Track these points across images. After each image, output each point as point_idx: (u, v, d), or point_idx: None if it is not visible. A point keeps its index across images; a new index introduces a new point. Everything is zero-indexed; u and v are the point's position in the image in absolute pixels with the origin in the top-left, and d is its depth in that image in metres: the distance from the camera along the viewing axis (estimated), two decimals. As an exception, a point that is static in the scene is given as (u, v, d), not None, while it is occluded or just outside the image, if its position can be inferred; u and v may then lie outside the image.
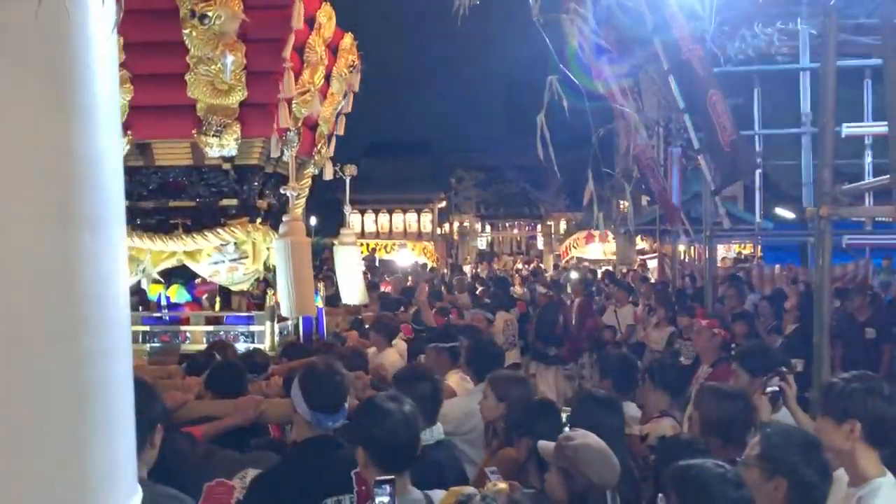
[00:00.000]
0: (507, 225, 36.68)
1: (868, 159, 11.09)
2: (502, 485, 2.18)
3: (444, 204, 33.40)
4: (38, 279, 1.04)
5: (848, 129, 9.31)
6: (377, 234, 30.04)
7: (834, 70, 4.50)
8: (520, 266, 25.48)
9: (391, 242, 29.65)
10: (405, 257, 25.40)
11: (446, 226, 35.24)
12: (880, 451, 2.64)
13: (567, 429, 3.09)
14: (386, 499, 2.12)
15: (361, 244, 22.90)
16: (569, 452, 2.60)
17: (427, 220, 31.13)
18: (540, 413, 3.23)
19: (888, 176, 3.99)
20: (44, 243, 1.05)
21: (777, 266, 13.25)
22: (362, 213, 28.54)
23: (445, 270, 21.33)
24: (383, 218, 30.66)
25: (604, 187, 16.69)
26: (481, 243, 37.09)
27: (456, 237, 35.75)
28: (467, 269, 25.86)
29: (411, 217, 30.93)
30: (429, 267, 22.27)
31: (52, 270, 1.06)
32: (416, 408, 2.61)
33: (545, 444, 2.73)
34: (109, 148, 1.20)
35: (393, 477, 2.18)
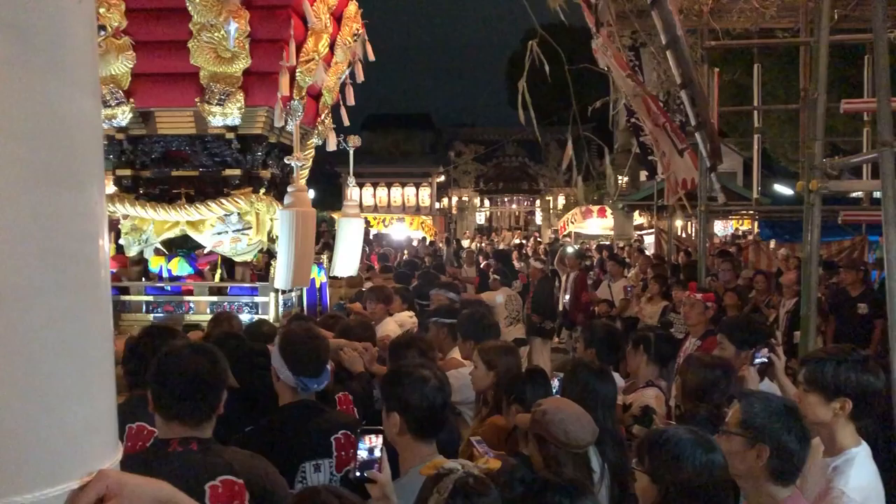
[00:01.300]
0: (505, 200, 36.61)
1: (866, 135, 11.00)
2: (494, 462, 2.15)
3: (442, 178, 33.33)
4: (14, 237, 1.05)
5: (846, 105, 9.22)
6: (375, 208, 30.00)
7: (826, 43, 4.45)
8: (517, 241, 25.44)
9: (389, 216, 29.63)
10: (400, 231, 25.40)
11: (445, 200, 35.18)
12: (859, 423, 2.70)
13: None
14: (368, 451, 2.07)
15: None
16: (538, 417, 2.64)
17: (426, 194, 31.10)
18: (530, 381, 3.24)
19: (875, 151, 3.95)
20: (19, 202, 1.05)
21: (772, 241, 13.22)
22: (360, 186, 28.52)
23: (441, 245, 21.35)
24: (381, 191, 30.62)
25: (604, 161, 16.64)
26: (480, 218, 37.05)
27: (454, 211, 35.71)
28: (466, 243, 25.89)
29: (410, 191, 30.90)
30: (427, 241, 22.29)
31: (29, 229, 1.07)
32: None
33: (523, 417, 2.77)
34: (87, 108, 1.20)
35: (380, 428, 2.17)
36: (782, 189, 21.42)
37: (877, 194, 9.62)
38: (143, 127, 4.98)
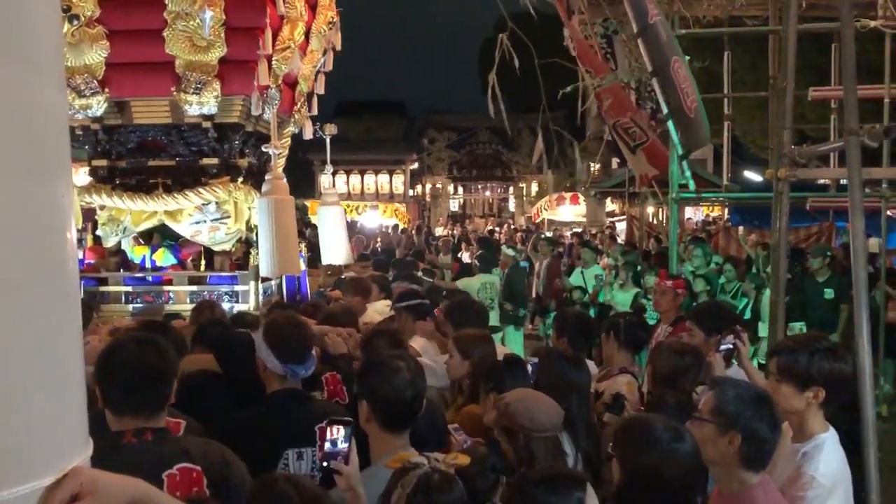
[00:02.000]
0: (479, 187, 36.64)
1: (833, 123, 11.16)
2: (463, 457, 2.17)
3: (416, 165, 33.24)
4: None
5: (814, 93, 9.36)
6: (349, 196, 29.87)
7: (795, 32, 4.49)
8: (490, 228, 25.50)
9: (363, 204, 29.53)
10: (373, 219, 25.34)
11: (418, 187, 35.11)
12: (827, 408, 2.74)
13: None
14: (335, 441, 2.05)
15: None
16: (502, 410, 2.64)
17: (399, 181, 31.03)
18: (506, 369, 3.24)
19: (842, 140, 4.01)
20: None
21: (740, 228, 13.37)
22: (333, 174, 28.36)
23: (412, 232, 21.33)
24: (355, 179, 30.49)
25: (574, 149, 16.70)
26: (453, 205, 37.05)
27: (428, 199, 35.66)
28: (440, 230, 25.88)
29: (383, 178, 30.82)
30: (400, 228, 22.26)
31: None
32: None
33: (490, 416, 2.78)
34: (53, 98, 1.18)
35: (349, 419, 2.15)
36: (752, 176, 21.65)
37: (844, 181, 9.78)
38: (118, 117, 4.94)
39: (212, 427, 2.66)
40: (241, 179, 5.09)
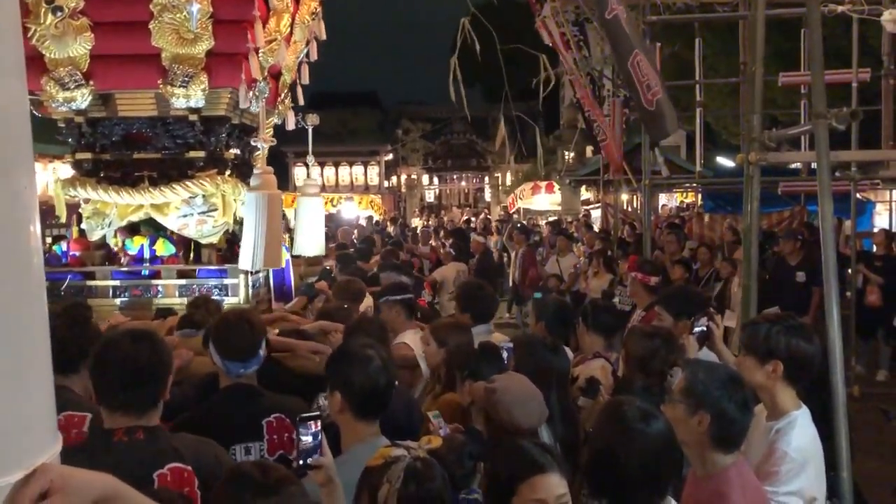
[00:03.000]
0: (454, 177, 36.66)
1: (804, 108, 11.29)
2: (435, 440, 2.17)
3: (390, 156, 33.16)
4: None
5: (784, 78, 9.44)
6: (323, 187, 29.69)
7: (763, 16, 4.53)
8: (465, 218, 25.53)
9: (337, 196, 29.37)
10: (350, 210, 25.24)
11: (394, 178, 35.05)
12: (796, 386, 2.80)
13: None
14: (309, 438, 2.02)
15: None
16: (487, 394, 2.65)
17: (374, 172, 30.93)
18: (482, 356, 3.24)
19: (810, 123, 4.06)
20: None
21: (707, 214, 13.47)
22: (307, 165, 28.21)
23: (388, 224, 21.30)
24: (329, 171, 30.33)
25: (549, 137, 16.77)
26: (429, 196, 37.04)
27: (403, 190, 35.62)
28: (416, 222, 25.86)
29: (358, 170, 30.70)
30: (374, 220, 22.20)
31: None
32: (392, 358, 2.66)
33: (477, 385, 2.77)
34: (12, 91, 1.17)
35: (318, 414, 2.13)
36: (725, 161, 21.85)
37: (815, 165, 9.90)
38: (102, 109, 4.89)
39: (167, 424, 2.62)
40: (227, 172, 5.06)
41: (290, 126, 5.80)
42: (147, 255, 5.04)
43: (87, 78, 4.59)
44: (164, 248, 5.06)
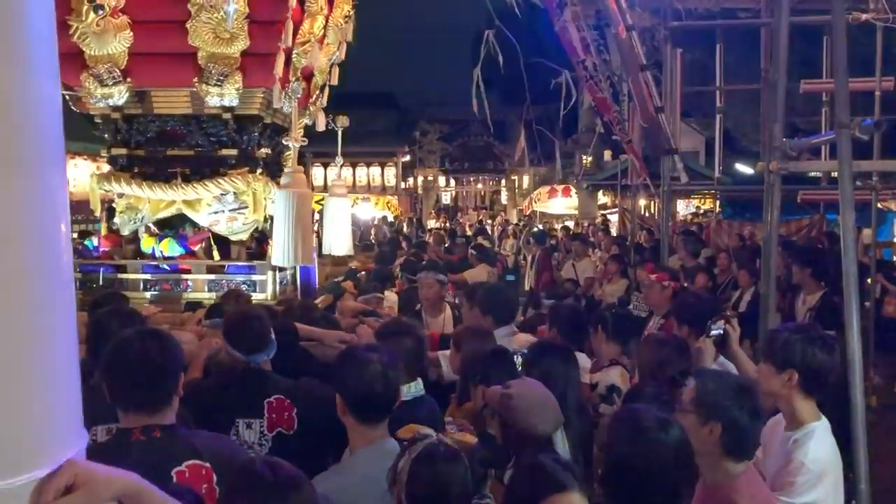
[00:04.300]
0: (471, 179, 36.64)
1: (825, 116, 11.25)
2: (469, 437, 2.21)
3: (408, 158, 33.18)
4: None
5: (806, 86, 9.43)
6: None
7: (787, 24, 4.53)
8: (480, 218, 25.55)
9: (355, 196, 29.44)
10: (366, 211, 25.31)
11: (410, 180, 35.07)
12: (816, 397, 2.78)
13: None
14: None
15: (323, 197, 22.74)
16: (503, 400, 2.64)
17: (391, 173, 30.94)
18: (493, 361, 3.26)
19: (833, 132, 4.06)
20: None
21: (724, 221, 13.42)
22: (325, 165, 28.26)
23: (404, 224, 21.34)
24: (346, 171, 30.35)
25: (567, 142, 16.76)
26: (445, 197, 37.05)
27: (420, 191, 35.64)
28: (432, 223, 25.90)
29: (375, 171, 30.70)
30: (389, 220, 22.26)
31: None
32: (396, 360, 2.63)
33: (492, 390, 2.77)
34: (46, 92, 1.18)
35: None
36: (743, 168, 21.76)
37: (835, 174, 9.85)
38: (138, 106, 4.99)
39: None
40: (259, 170, 5.13)
41: (321, 127, 5.89)
42: (158, 254, 5.12)
43: (124, 75, 4.69)
44: (169, 247, 5.13)
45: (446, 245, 12.12)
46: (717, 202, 15.71)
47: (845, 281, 3.74)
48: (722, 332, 3.47)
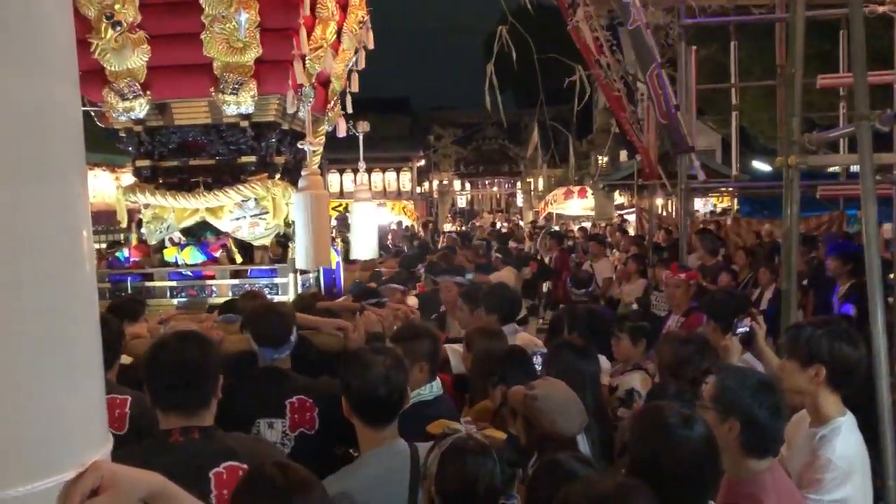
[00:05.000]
0: (486, 182, 36.66)
1: (842, 110, 11.18)
2: (498, 433, 2.22)
3: (422, 162, 33.27)
4: None
5: (823, 81, 9.36)
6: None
7: (803, 17, 4.51)
8: (493, 221, 25.57)
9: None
10: (384, 216, 25.36)
11: (426, 184, 35.15)
12: (841, 392, 2.74)
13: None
14: None
15: (340, 203, 22.84)
16: (528, 401, 2.63)
17: (406, 178, 31.04)
18: (509, 361, 3.27)
19: (853, 125, 4.04)
20: None
21: (742, 219, 13.33)
22: (341, 172, 28.42)
23: (419, 229, 21.39)
24: (362, 177, 30.49)
25: (582, 142, 16.75)
26: (461, 201, 37.09)
27: (436, 195, 35.71)
28: (448, 227, 25.93)
29: (390, 176, 30.82)
30: (405, 225, 22.29)
31: (7, 221, 1.06)
32: (402, 361, 2.61)
33: (515, 390, 2.76)
34: (66, 99, 1.19)
35: None
36: (760, 165, 21.61)
37: (854, 168, 9.78)
38: (159, 118, 5.10)
39: None
40: (278, 176, 5.21)
41: (342, 133, 5.95)
42: (179, 262, 5.20)
43: (144, 88, 4.79)
44: (190, 255, 5.21)
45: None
46: (735, 200, 15.63)
47: (868, 275, 3.72)
48: (748, 330, 3.44)
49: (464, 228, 24.83)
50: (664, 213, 16.55)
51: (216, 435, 2.31)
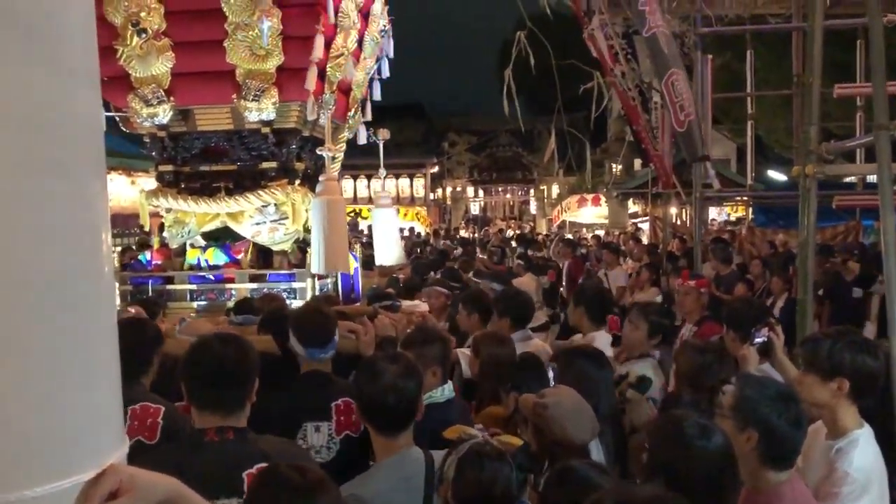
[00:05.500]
0: (500, 189, 36.66)
1: (859, 120, 11.15)
2: (514, 439, 2.24)
3: (436, 169, 33.33)
4: (12, 229, 1.05)
5: (840, 90, 9.35)
6: (369, 199, 29.96)
7: (821, 27, 4.52)
8: (500, 228, 25.59)
9: (384, 208, 29.51)
10: (398, 222, 25.40)
11: (439, 191, 35.20)
12: (860, 403, 2.70)
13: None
14: None
15: (353, 209, 22.93)
16: (539, 410, 2.63)
17: (420, 184, 31.07)
18: (523, 368, 3.28)
19: (871, 135, 4.04)
20: (18, 194, 1.05)
21: (757, 228, 13.30)
22: (355, 178, 28.51)
23: (431, 237, 21.40)
24: (376, 183, 30.59)
25: (596, 150, 16.73)
26: (474, 208, 37.10)
27: (449, 202, 35.75)
28: (462, 233, 25.95)
29: (404, 182, 30.87)
30: (416, 232, 22.30)
31: (27, 220, 1.07)
32: (415, 370, 2.59)
33: (525, 398, 2.76)
34: (86, 99, 1.20)
35: None
36: (776, 175, 21.55)
37: (871, 178, 9.75)
38: (183, 124, 5.14)
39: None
40: (297, 182, 5.27)
41: (362, 140, 6.00)
42: (203, 264, 5.26)
43: (168, 94, 4.81)
44: (214, 256, 5.27)
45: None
46: (750, 209, 15.58)
47: (887, 284, 3.72)
48: (765, 339, 3.41)
49: (475, 235, 24.87)
50: (678, 222, 16.51)
51: (249, 437, 2.35)
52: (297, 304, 4.87)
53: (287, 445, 2.48)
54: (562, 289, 11.42)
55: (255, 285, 5.12)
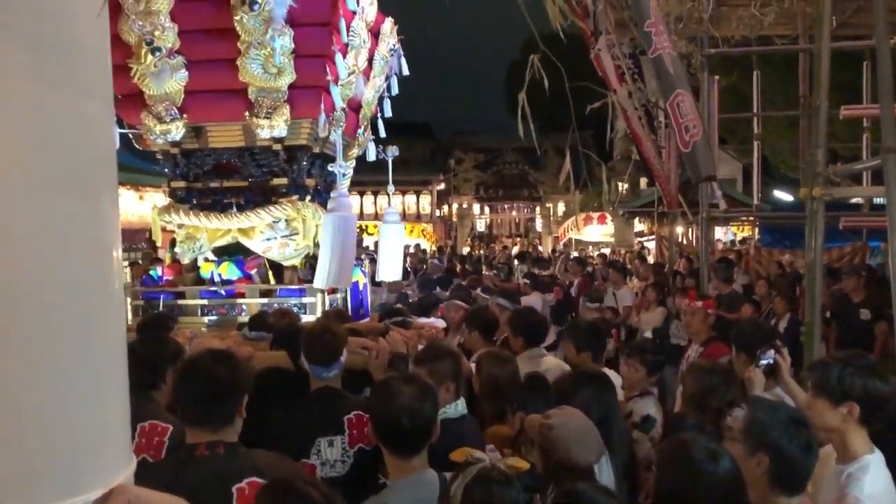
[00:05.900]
0: (505, 207, 36.66)
1: (866, 141, 11.15)
2: (521, 462, 2.24)
3: (442, 186, 33.38)
4: (25, 246, 1.07)
5: (846, 111, 9.36)
6: (376, 216, 30.01)
7: (828, 49, 4.55)
8: (503, 245, 25.58)
9: (390, 224, 29.52)
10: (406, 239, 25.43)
11: (445, 208, 35.24)
12: (870, 428, 2.68)
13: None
14: None
15: (360, 225, 22.95)
16: (545, 431, 2.62)
17: (426, 201, 31.13)
18: (529, 388, 3.29)
19: (879, 157, 4.05)
20: (31, 211, 1.07)
21: (763, 248, 13.26)
22: (361, 194, 28.55)
23: (435, 254, 21.38)
24: (382, 200, 30.65)
25: (602, 169, 16.74)
26: (480, 225, 37.10)
27: (455, 219, 35.76)
28: (466, 250, 25.94)
29: (410, 199, 30.92)
30: (421, 248, 22.29)
31: (40, 238, 1.08)
32: (431, 392, 2.59)
33: (531, 419, 2.76)
34: (100, 118, 1.22)
35: None
36: (782, 195, 21.54)
37: (877, 200, 9.74)
38: (195, 141, 5.21)
39: (261, 416, 2.82)
40: (308, 198, 5.32)
41: (371, 157, 6.05)
42: (216, 279, 5.29)
43: (181, 112, 4.90)
44: (228, 270, 5.30)
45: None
46: (756, 229, 15.56)
47: (895, 307, 3.72)
48: (771, 361, 3.42)
49: (480, 252, 24.86)
50: (684, 241, 16.49)
51: (240, 451, 2.37)
52: (307, 319, 4.89)
53: (279, 460, 2.48)
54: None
55: (265, 300, 5.16)
